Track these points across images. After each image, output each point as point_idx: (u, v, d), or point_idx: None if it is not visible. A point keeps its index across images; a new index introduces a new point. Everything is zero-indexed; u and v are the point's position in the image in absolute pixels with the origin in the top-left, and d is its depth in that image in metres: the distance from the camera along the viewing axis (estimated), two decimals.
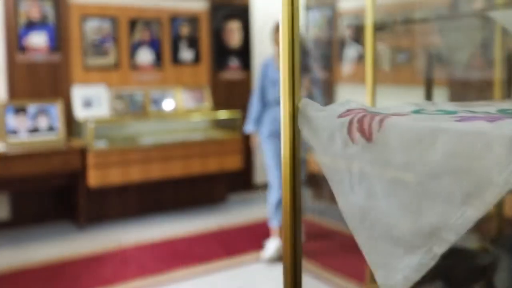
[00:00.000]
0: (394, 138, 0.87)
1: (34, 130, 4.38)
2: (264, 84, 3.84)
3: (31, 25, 4.46)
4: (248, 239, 4.20)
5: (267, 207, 4.02)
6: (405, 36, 4.71)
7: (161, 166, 4.63)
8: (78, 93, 4.67)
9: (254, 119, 3.87)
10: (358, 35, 5.15)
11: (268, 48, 4.64)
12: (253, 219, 4.69)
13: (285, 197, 1.03)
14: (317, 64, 5.57)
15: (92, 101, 4.71)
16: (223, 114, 5.19)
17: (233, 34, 5.47)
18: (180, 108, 5.18)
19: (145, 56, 5.02)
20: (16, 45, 4.41)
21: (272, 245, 3.79)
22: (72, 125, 4.68)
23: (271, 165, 3.88)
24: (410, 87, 4.71)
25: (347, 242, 4.01)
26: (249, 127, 3.93)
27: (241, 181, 5.55)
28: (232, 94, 5.50)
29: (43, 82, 4.54)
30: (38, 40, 4.49)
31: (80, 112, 4.63)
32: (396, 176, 0.86)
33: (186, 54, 5.25)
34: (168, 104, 5.13)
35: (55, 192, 4.63)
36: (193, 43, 5.28)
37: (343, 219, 0.98)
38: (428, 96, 3.00)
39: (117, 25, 4.85)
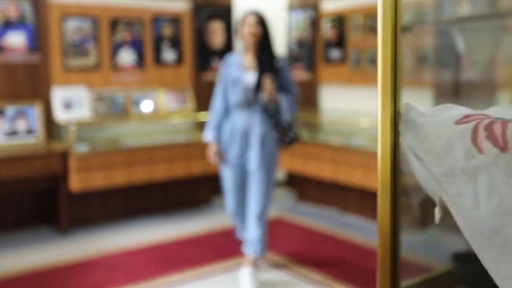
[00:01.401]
0: None
1: (12, 133, 4.22)
2: (226, 85, 3.27)
3: (8, 25, 4.30)
4: (237, 241, 4.13)
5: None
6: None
7: (145, 168, 4.53)
8: (58, 95, 4.53)
9: (214, 126, 3.29)
10: (341, 37, 5.14)
11: None
12: None
13: (382, 214, 0.91)
14: (299, 64, 5.54)
15: (72, 102, 4.57)
16: (206, 116, 5.10)
17: (216, 34, 5.40)
18: (163, 110, 5.08)
19: (126, 56, 4.91)
20: None
21: (246, 280, 3.25)
22: (52, 127, 4.53)
23: (227, 189, 3.36)
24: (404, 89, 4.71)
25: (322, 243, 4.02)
26: (207, 136, 3.30)
27: None
28: None
29: (22, 83, 4.39)
30: (16, 40, 4.34)
31: (60, 114, 4.49)
32: None
33: (169, 54, 5.16)
34: (150, 106, 5.02)
35: (36, 196, 4.47)
36: (176, 43, 5.19)
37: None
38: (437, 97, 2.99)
39: (98, 25, 4.73)
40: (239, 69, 3.22)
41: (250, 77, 3.18)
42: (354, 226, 4.55)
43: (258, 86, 3.14)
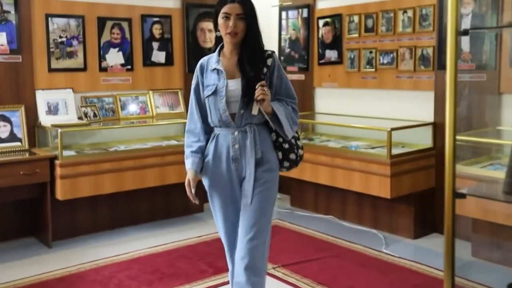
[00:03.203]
0: None
1: None
2: (202, 96, 2.45)
3: None
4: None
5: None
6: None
7: (134, 175, 4.32)
8: (43, 98, 4.31)
9: (194, 149, 2.47)
10: (337, 37, 4.98)
11: None
12: None
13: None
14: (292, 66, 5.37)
15: (58, 106, 4.35)
16: None
17: (207, 34, 5.20)
18: (153, 113, 4.88)
19: (114, 57, 4.69)
20: None
21: None
22: (36, 133, 4.31)
23: (219, 229, 2.55)
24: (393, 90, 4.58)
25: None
26: (188, 165, 2.48)
27: None
28: None
29: (4, 86, 4.15)
30: None
31: (45, 119, 4.26)
32: None
33: (159, 55, 4.95)
34: (139, 109, 4.82)
35: (19, 206, 4.24)
36: (166, 44, 4.98)
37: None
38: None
39: (85, 25, 4.51)
40: (218, 76, 2.38)
41: (234, 86, 2.37)
42: (353, 232, 4.39)
43: (246, 96, 2.34)
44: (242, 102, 2.35)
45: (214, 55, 2.45)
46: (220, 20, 2.34)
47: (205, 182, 2.51)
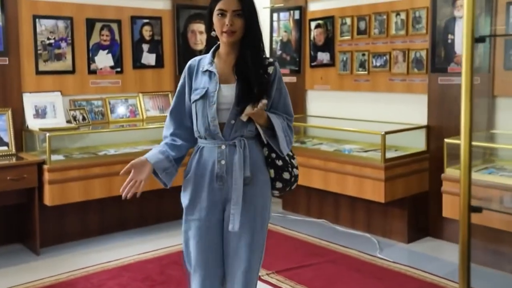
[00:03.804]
0: None
1: None
2: (188, 101, 2.15)
3: None
4: None
5: None
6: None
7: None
8: (30, 101, 4.21)
9: (160, 150, 2.13)
10: (329, 39, 4.94)
11: None
12: None
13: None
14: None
15: (46, 110, 4.26)
16: None
17: (198, 35, 5.14)
18: (143, 116, 4.80)
19: (104, 59, 4.60)
20: None
21: None
22: (23, 137, 4.21)
23: (190, 256, 2.14)
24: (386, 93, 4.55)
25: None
26: (150, 153, 2.13)
27: None
28: None
29: None
30: None
31: (32, 123, 4.17)
32: None
33: (149, 57, 4.87)
34: (129, 112, 4.73)
35: (6, 212, 4.13)
36: (156, 46, 4.90)
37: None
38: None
39: (73, 26, 4.41)
40: (210, 79, 2.09)
41: (228, 92, 2.06)
42: (347, 237, 4.35)
43: (239, 104, 2.03)
44: (235, 111, 2.04)
45: (208, 55, 2.15)
46: (215, 18, 2.06)
47: (184, 202, 2.14)
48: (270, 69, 2.12)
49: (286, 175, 2.17)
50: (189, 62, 2.18)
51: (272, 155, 2.15)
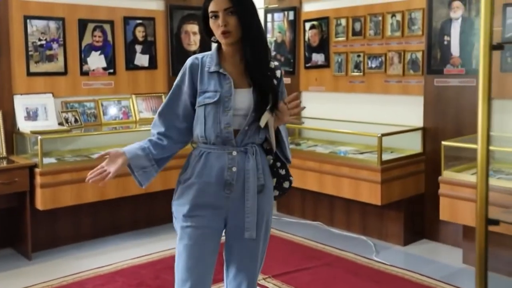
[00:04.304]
0: None
1: None
2: (187, 102, 2.01)
3: None
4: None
5: None
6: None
7: (117, 183, 4.17)
8: (21, 103, 4.14)
9: (146, 147, 2.04)
10: (324, 40, 4.91)
11: None
12: None
13: None
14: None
15: (37, 112, 4.19)
16: None
17: (192, 36, 5.08)
18: (136, 118, 4.74)
19: (96, 61, 4.54)
20: None
21: None
22: (14, 139, 4.13)
23: (184, 266, 2.00)
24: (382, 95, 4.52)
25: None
26: (130, 146, 2.05)
27: None
28: None
29: None
30: None
31: (23, 125, 4.09)
32: None
33: (142, 58, 4.81)
34: (122, 114, 4.67)
35: None
36: (149, 46, 4.85)
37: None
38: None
39: (65, 27, 4.34)
40: (220, 82, 1.96)
41: (245, 97, 1.96)
42: (342, 239, 4.32)
43: (257, 110, 1.94)
44: (252, 118, 1.94)
45: (211, 54, 2.00)
46: (211, 22, 1.95)
47: (181, 210, 1.99)
48: (278, 73, 2.05)
49: (286, 184, 2.14)
50: (190, 60, 2.03)
51: (277, 164, 2.10)
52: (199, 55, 2.04)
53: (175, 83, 2.05)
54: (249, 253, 2.03)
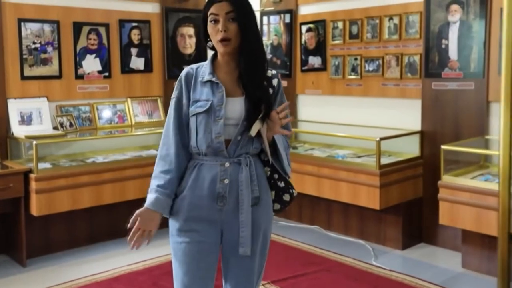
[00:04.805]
0: None
1: None
2: (186, 113, 1.95)
3: None
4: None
5: None
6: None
7: (114, 188, 4.13)
8: (15, 108, 4.08)
9: (159, 186, 1.93)
10: (320, 43, 4.88)
11: None
12: None
13: None
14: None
15: (31, 116, 4.13)
16: None
17: (188, 39, 5.04)
18: (131, 122, 4.69)
19: (91, 64, 4.49)
20: None
21: None
22: (8, 144, 4.07)
23: (180, 283, 1.98)
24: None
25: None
26: (148, 201, 1.96)
27: None
28: None
29: None
30: None
31: (18, 130, 4.04)
32: None
33: (137, 62, 4.76)
34: (117, 118, 4.62)
35: None
36: (145, 49, 4.80)
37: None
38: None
39: (60, 30, 4.29)
40: (213, 91, 1.92)
41: (236, 106, 1.91)
42: (340, 244, 4.30)
43: (248, 119, 1.89)
44: (243, 127, 1.89)
45: (205, 64, 1.97)
46: (209, 25, 1.89)
47: (175, 224, 1.96)
48: (275, 82, 1.99)
49: (286, 197, 2.06)
50: (185, 70, 1.98)
51: (275, 175, 2.02)
52: (194, 66, 2.00)
53: (174, 99, 1.98)
54: (245, 270, 1.97)
